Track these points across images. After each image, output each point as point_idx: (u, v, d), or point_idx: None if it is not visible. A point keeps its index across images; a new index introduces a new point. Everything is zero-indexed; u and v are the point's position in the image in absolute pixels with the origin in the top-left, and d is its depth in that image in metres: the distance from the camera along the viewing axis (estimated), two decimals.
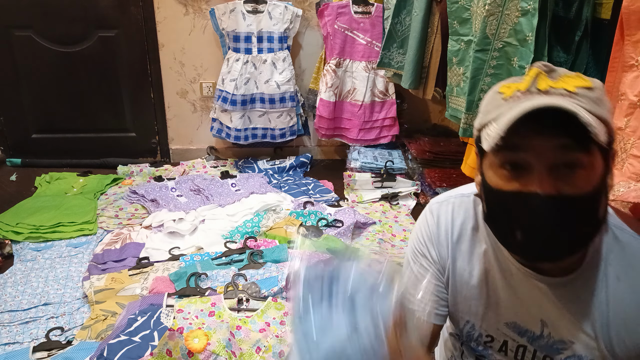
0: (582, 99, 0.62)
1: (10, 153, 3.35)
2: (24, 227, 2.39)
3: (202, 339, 1.50)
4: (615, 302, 0.73)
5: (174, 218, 2.44)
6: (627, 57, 0.93)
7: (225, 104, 3.01)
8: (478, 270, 0.82)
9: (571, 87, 0.64)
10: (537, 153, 0.63)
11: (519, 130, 0.62)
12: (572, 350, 0.77)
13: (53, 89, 3.22)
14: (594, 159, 0.64)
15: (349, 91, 3.12)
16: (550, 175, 0.63)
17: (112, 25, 3.14)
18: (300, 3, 3.10)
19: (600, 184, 0.65)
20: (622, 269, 0.73)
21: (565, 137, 0.62)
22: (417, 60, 2.30)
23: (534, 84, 0.65)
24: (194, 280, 1.85)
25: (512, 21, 1.45)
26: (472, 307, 0.85)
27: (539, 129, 0.62)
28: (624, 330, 0.73)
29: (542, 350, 0.80)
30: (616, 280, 0.73)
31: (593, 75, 1.40)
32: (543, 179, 0.63)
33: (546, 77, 0.66)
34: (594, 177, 0.64)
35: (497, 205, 0.70)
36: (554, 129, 0.61)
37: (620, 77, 0.99)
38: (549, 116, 0.60)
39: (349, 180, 2.92)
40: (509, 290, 0.80)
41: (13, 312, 1.86)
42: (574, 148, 0.62)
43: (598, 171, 0.65)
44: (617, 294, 0.73)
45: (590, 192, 0.63)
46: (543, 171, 0.63)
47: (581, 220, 0.65)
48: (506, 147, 0.64)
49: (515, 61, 1.46)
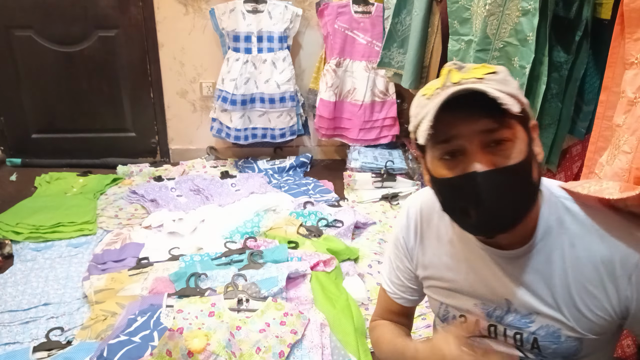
0: (490, 82, 0.72)
1: (10, 153, 3.35)
2: (24, 227, 2.39)
3: (202, 339, 1.50)
4: (573, 268, 0.78)
5: (173, 218, 2.44)
6: (628, 55, 0.93)
7: (225, 103, 3.01)
8: (446, 255, 0.89)
9: (479, 75, 0.73)
10: (467, 137, 0.71)
11: (445, 120, 0.70)
12: (539, 322, 0.82)
13: (53, 89, 3.22)
14: (516, 131, 0.73)
15: (349, 91, 3.12)
16: (484, 153, 0.71)
17: (112, 25, 3.13)
18: (300, 3, 3.10)
19: (528, 152, 0.73)
20: (575, 236, 0.78)
21: (486, 118, 0.70)
22: (417, 60, 2.30)
23: (448, 79, 0.74)
24: (194, 281, 1.85)
25: (512, 21, 1.45)
26: (445, 290, 0.91)
27: (463, 117, 0.71)
28: (585, 294, 0.77)
29: (511, 327, 0.85)
30: (571, 247, 0.78)
31: (593, 75, 1.41)
32: (478, 157, 0.71)
33: (457, 72, 0.75)
34: (521, 146, 0.72)
35: (447, 193, 0.77)
36: (475, 113, 0.70)
37: (618, 73, 1.00)
38: (468, 103, 0.69)
39: (349, 180, 2.92)
40: (475, 271, 0.86)
41: (13, 312, 1.86)
42: (496, 125, 0.71)
43: (523, 141, 0.73)
44: (574, 260, 0.78)
45: (521, 160, 0.72)
46: (476, 151, 0.71)
47: (519, 186, 0.73)
48: (440, 140, 0.73)
49: (515, 61, 1.46)
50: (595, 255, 0.77)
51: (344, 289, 1.93)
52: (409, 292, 0.99)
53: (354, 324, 1.74)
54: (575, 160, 1.57)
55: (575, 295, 0.78)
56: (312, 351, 1.59)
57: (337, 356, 1.60)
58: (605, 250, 0.76)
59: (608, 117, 1.04)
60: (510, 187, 0.71)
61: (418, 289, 0.99)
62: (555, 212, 0.79)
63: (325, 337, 1.64)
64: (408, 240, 0.95)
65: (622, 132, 0.90)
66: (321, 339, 1.62)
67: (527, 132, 0.75)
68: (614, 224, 0.77)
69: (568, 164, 1.59)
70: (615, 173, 0.89)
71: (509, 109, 0.68)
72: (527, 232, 0.79)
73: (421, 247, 0.93)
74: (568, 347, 0.81)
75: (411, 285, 0.98)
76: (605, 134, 1.05)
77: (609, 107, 1.04)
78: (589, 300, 0.77)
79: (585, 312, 0.78)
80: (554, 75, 1.41)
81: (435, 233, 0.91)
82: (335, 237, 2.26)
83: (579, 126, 1.48)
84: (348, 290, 1.93)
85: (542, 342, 0.82)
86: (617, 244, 0.76)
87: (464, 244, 0.86)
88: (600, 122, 1.07)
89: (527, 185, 0.74)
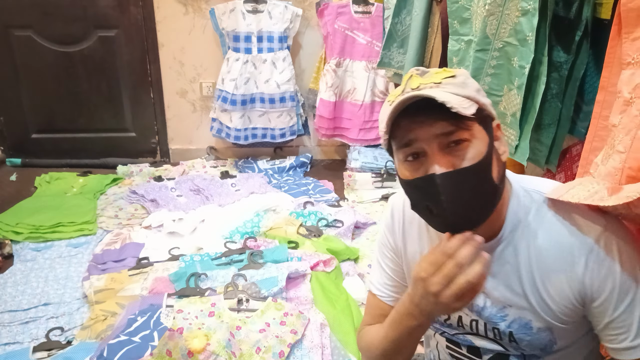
0: (447, 86, 0.74)
1: (10, 153, 3.35)
2: (24, 227, 2.39)
3: (202, 339, 1.50)
4: (537, 258, 0.80)
5: (173, 218, 2.44)
6: (625, 55, 0.93)
7: (225, 103, 3.01)
8: (426, 251, 0.90)
9: (438, 79, 0.75)
10: (426, 141, 0.74)
11: (404, 125, 0.74)
12: (512, 315, 0.84)
13: (53, 89, 3.22)
14: (475, 132, 0.75)
15: (349, 91, 3.12)
16: (442, 154, 0.74)
17: (112, 25, 3.14)
18: (300, 3, 3.10)
19: (487, 152, 0.75)
20: (539, 226, 0.81)
21: (443, 120, 0.73)
22: (417, 60, 2.30)
23: (408, 85, 0.77)
24: (194, 281, 1.85)
25: (512, 21, 1.45)
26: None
27: (421, 121, 0.74)
28: (549, 283, 0.80)
29: (489, 322, 0.87)
30: (534, 239, 0.81)
31: (593, 75, 1.41)
32: (437, 159, 0.74)
33: (418, 77, 0.77)
34: (479, 147, 0.74)
35: (413, 193, 0.80)
36: (432, 117, 0.73)
37: (615, 72, 1.00)
38: (426, 107, 0.72)
39: (349, 180, 2.92)
40: None
41: (13, 312, 1.86)
42: (453, 128, 0.73)
43: (483, 141, 0.75)
44: (537, 250, 0.80)
45: (479, 160, 0.74)
46: (435, 153, 0.74)
47: (478, 186, 0.75)
48: (402, 144, 0.76)
49: (515, 61, 1.46)
50: (556, 244, 0.79)
51: (344, 289, 1.93)
52: (401, 290, 0.99)
53: (354, 324, 1.74)
54: (575, 160, 1.57)
55: (539, 285, 0.80)
56: (312, 351, 1.59)
57: (337, 356, 1.60)
58: (564, 238, 0.79)
59: (604, 117, 1.03)
60: (469, 187, 0.74)
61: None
62: (523, 205, 0.82)
63: (325, 337, 1.64)
64: (394, 239, 0.97)
65: (618, 132, 0.90)
66: (321, 339, 1.62)
67: (489, 132, 0.77)
68: (572, 212, 0.80)
69: (568, 164, 1.59)
70: (609, 172, 0.89)
71: (459, 112, 0.70)
72: (497, 226, 0.82)
73: (404, 244, 0.95)
74: (541, 338, 0.84)
75: (402, 283, 0.99)
76: (600, 134, 1.05)
77: (605, 107, 1.04)
78: (552, 289, 0.80)
79: (548, 301, 0.80)
80: (554, 75, 1.41)
81: (416, 230, 0.93)
82: (335, 237, 2.26)
83: (579, 126, 1.47)
84: (348, 290, 1.93)
85: (517, 335, 0.85)
86: (575, 232, 0.78)
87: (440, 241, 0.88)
88: (597, 122, 1.06)
89: (487, 185, 0.76)
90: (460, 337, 0.92)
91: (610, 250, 0.76)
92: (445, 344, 0.97)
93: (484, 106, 0.77)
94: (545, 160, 1.50)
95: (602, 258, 0.76)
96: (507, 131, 1.53)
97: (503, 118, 1.55)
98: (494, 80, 1.58)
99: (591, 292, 0.78)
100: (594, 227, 0.78)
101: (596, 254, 0.77)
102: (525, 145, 1.45)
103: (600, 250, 0.76)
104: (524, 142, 1.46)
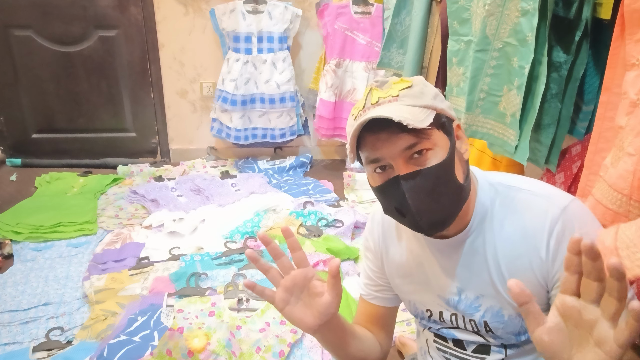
0: (405, 98, 0.76)
1: (10, 153, 3.35)
2: (24, 227, 2.39)
3: (202, 338, 1.50)
4: (502, 244, 0.83)
5: (174, 218, 2.44)
6: (629, 56, 0.93)
7: (225, 104, 3.01)
8: (406, 252, 0.94)
9: (395, 91, 0.77)
10: (391, 157, 0.77)
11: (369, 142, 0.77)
12: (485, 305, 0.87)
13: (53, 89, 3.22)
14: (436, 139, 0.77)
15: (349, 91, 3.12)
16: (407, 165, 0.77)
17: (112, 25, 3.14)
18: (300, 3, 3.11)
19: (449, 153, 0.78)
20: (504, 215, 0.84)
21: (405, 133, 0.75)
22: (417, 60, 2.30)
23: (368, 100, 0.78)
24: (194, 280, 1.86)
25: (512, 21, 1.45)
26: (409, 286, 0.96)
27: (385, 138, 0.76)
28: (514, 269, 0.82)
29: (466, 314, 0.89)
30: (500, 226, 0.84)
31: (593, 75, 1.41)
32: (403, 171, 0.77)
33: (378, 90, 0.79)
34: (441, 152, 0.77)
35: (383, 198, 0.82)
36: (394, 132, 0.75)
37: (619, 74, 1.00)
38: (386, 123, 0.74)
39: (349, 180, 2.92)
40: (427, 264, 0.91)
41: (13, 312, 1.86)
42: (416, 140, 0.75)
43: (444, 147, 0.78)
44: (502, 236, 0.83)
45: (440, 161, 0.76)
46: (402, 165, 0.77)
47: (442, 186, 0.77)
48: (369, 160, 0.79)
49: (515, 61, 1.46)
50: (520, 229, 0.82)
51: (344, 289, 1.94)
52: (382, 290, 1.03)
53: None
54: (574, 160, 1.57)
55: (504, 272, 0.83)
56: (312, 351, 1.59)
57: None
58: (528, 222, 0.81)
59: (609, 118, 1.04)
60: (432, 187, 0.76)
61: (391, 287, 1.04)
62: (489, 197, 0.85)
63: None
64: (375, 243, 1.00)
65: (626, 134, 0.90)
66: None
67: (450, 134, 0.80)
68: (535, 197, 0.83)
69: (568, 164, 1.59)
70: (620, 175, 0.88)
71: (415, 127, 0.73)
72: (465, 220, 0.85)
73: (386, 246, 0.98)
74: (515, 326, 0.86)
75: (383, 284, 1.02)
76: (606, 135, 1.05)
77: (609, 108, 1.04)
78: (518, 275, 0.81)
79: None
80: (554, 75, 1.41)
81: (395, 234, 0.96)
82: (335, 236, 2.26)
83: (579, 126, 1.48)
84: (348, 290, 1.93)
85: (491, 324, 0.87)
86: (537, 215, 0.81)
87: (416, 240, 0.92)
88: (601, 123, 1.06)
89: (451, 184, 0.78)
90: (444, 331, 0.95)
91: (571, 229, 0.78)
92: (433, 338, 1.00)
93: (442, 111, 0.79)
94: (545, 160, 1.50)
95: (560, 238, 0.78)
96: (507, 131, 1.53)
97: (503, 118, 1.55)
98: (493, 81, 1.58)
99: (553, 272, 0.79)
100: (555, 209, 0.79)
101: (555, 234, 0.78)
102: (525, 145, 1.45)
103: (560, 231, 0.78)
104: (523, 142, 1.46)
